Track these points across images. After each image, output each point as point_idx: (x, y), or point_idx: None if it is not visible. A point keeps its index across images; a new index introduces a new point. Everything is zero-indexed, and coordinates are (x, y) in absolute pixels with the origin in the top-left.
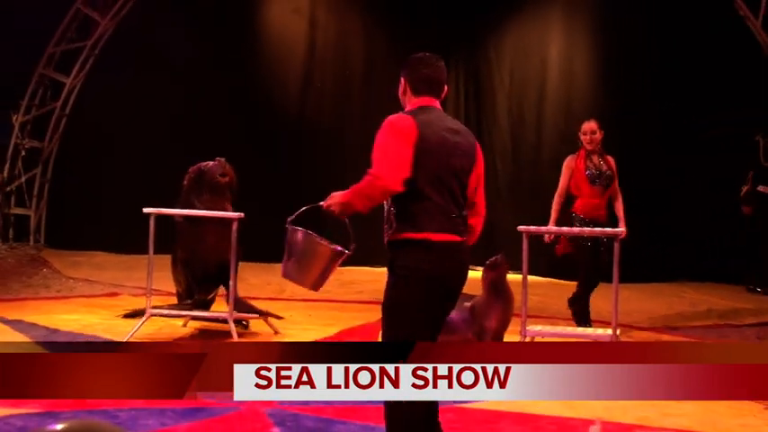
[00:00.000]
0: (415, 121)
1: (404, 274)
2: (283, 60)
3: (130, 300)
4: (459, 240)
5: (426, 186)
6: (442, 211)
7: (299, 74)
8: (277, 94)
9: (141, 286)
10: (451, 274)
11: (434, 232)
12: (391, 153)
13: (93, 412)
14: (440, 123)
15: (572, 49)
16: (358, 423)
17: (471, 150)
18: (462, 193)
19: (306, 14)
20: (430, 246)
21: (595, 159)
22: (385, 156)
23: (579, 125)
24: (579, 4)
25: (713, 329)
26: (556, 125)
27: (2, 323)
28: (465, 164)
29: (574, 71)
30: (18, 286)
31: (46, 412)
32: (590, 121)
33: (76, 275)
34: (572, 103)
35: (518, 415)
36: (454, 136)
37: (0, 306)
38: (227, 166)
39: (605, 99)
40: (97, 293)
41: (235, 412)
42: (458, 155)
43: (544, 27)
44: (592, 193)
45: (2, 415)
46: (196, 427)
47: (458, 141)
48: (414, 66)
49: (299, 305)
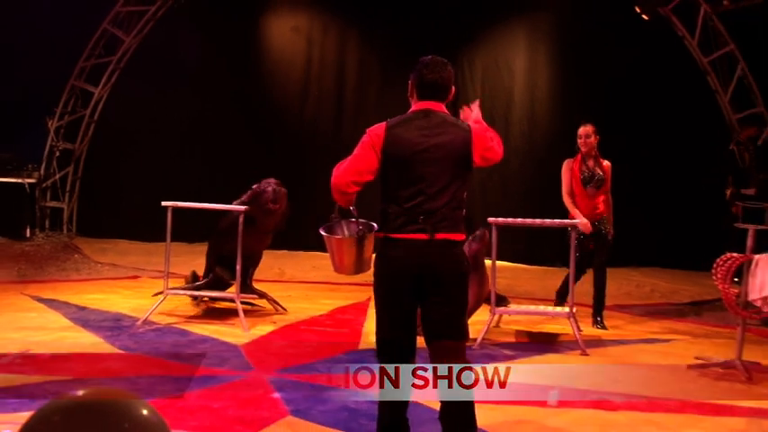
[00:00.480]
0: (386, 129)
1: (375, 267)
2: (284, 72)
3: (150, 282)
4: (425, 238)
5: (394, 188)
6: (406, 213)
7: (298, 83)
8: (278, 102)
9: (159, 270)
10: (414, 269)
11: (395, 233)
12: (351, 158)
13: (116, 380)
14: (423, 126)
15: (534, 64)
16: (347, 389)
17: (461, 148)
18: (447, 190)
19: (304, 32)
20: (392, 243)
21: (590, 163)
22: (348, 159)
23: (541, 128)
24: (540, 25)
25: (654, 307)
26: (521, 129)
27: (39, 302)
28: (449, 162)
29: (536, 82)
30: (53, 270)
31: (75, 379)
32: (586, 125)
33: (103, 260)
34: (534, 109)
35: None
36: (433, 138)
37: (37, 287)
38: (279, 194)
39: (562, 107)
40: (121, 276)
41: (241, 380)
42: (434, 157)
43: (511, 45)
44: (584, 194)
45: (39, 381)
46: (207, 392)
47: (438, 142)
48: (418, 70)
49: (298, 286)
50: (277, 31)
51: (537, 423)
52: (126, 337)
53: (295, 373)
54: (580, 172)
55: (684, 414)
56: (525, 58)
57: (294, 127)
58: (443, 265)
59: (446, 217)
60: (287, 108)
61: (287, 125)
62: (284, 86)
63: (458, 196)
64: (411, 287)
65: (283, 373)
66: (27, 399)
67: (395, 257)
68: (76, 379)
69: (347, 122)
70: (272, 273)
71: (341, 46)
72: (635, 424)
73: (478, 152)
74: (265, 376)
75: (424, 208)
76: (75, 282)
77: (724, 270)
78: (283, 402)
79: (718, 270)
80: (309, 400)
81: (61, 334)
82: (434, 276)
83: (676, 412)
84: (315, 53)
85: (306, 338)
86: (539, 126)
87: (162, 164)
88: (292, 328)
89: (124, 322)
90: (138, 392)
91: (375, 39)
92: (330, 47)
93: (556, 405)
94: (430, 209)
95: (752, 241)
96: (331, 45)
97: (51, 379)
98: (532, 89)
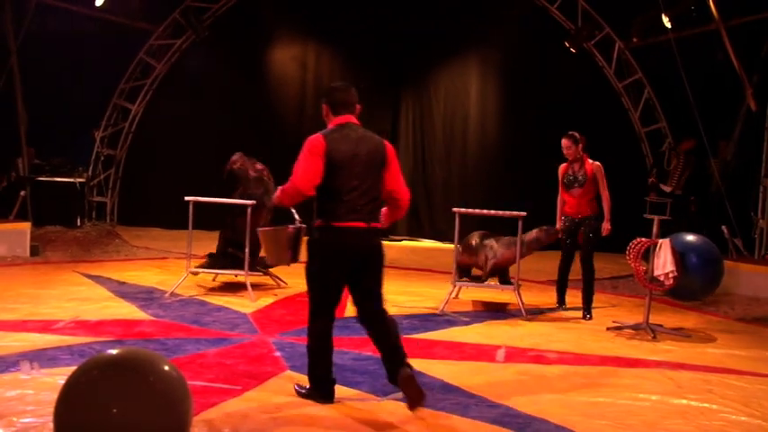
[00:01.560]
0: (324, 139)
1: (315, 249)
2: (284, 93)
3: (176, 262)
4: (363, 226)
5: (336, 186)
6: (347, 205)
7: (295, 103)
8: (280, 117)
9: (183, 252)
10: (353, 249)
11: (339, 221)
12: (305, 165)
13: (148, 341)
14: (350, 136)
15: (485, 90)
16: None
17: (378, 153)
18: (373, 187)
19: (299, 61)
20: (335, 230)
21: (576, 167)
22: (300, 167)
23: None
24: (490, 57)
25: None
26: (475, 139)
27: (87, 278)
28: (373, 164)
29: (486, 105)
30: (98, 252)
31: (116, 340)
32: (563, 138)
33: (138, 244)
34: (486, 127)
35: (448, 342)
36: (360, 145)
37: (87, 266)
38: (271, 179)
39: (507, 126)
40: (153, 257)
41: (248, 342)
42: (363, 160)
43: (467, 72)
44: (568, 195)
45: (86, 342)
46: (222, 351)
47: (367, 149)
48: (331, 93)
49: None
50: (279, 58)
51: (488, 375)
52: (156, 306)
53: (293, 336)
54: (565, 176)
55: (604, 366)
56: (478, 82)
57: (293, 135)
58: (370, 247)
59: (376, 206)
60: (286, 122)
61: (287, 134)
62: (285, 103)
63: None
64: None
65: (283, 336)
66: (77, 356)
67: (338, 240)
68: (117, 340)
69: None
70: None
71: (330, 70)
72: (566, 375)
73: (390, 166)
74: (269, 338)
75: (359, 201)
76: (116, 261)
77: (635, 252)
78: (283, 360)
79: (631, 252)
80: (304, 358)
81: (104, 303)
82: (364, 257)
83: (598, 365)
84: (309, 77)
85: (302, 308)
86: (488, 137)
87: (185, 166)
88: (291, 299)
89: (155, 294)
90: (166, 351)
91: (359, 64)
92: (323, 70)
93: (503, 361)
94: (364, 201)
95: (657, 228)
96: (323, 69)
97: (96, 340)
98: (484, 108)
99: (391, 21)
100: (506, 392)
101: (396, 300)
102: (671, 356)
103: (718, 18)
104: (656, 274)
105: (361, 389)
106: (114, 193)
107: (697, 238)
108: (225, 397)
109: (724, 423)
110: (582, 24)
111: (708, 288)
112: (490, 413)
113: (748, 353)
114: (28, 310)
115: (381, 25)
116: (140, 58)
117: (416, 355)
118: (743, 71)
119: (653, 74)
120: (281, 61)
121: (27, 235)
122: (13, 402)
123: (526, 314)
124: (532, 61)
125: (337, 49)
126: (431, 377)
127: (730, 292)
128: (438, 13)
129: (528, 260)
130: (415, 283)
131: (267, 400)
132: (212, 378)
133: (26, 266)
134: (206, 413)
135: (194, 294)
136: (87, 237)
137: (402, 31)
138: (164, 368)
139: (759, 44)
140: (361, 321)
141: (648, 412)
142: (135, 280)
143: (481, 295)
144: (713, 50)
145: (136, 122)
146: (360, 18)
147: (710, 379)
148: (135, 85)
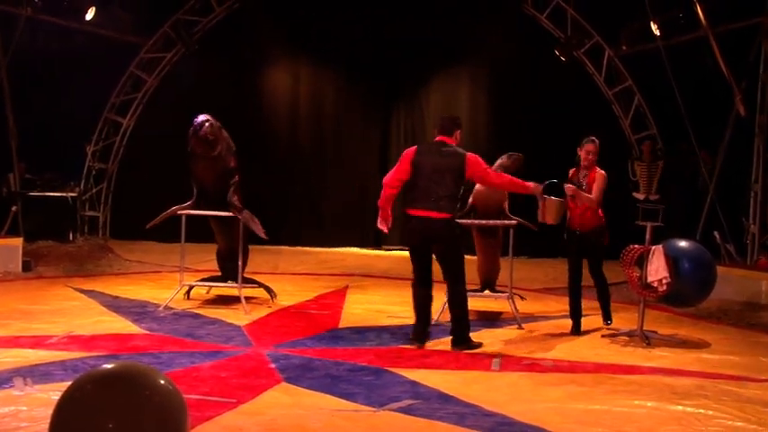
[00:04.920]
0: (416, 149)
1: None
2: (277, 105)
3: (169, 275)
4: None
5: (417, 182)
6: (423, 196)
7: (287, 115)
8: (272, 130)
9: (176, 265)
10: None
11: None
12: (395, 167)
13: (142, 355)
14: (435, 149)
15: (476, 100)
16: (330, 360)
17: (455, 162)
18: (442, 186)
19: (293, 75)
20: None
21: (583, 174)
22: (393, 168)
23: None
24: (479, 74)
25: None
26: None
27: (80, 292)
28: (448, 169)
29: (477, 115)
30: (91, 266)
31: (109, 355)
32: (590, 143)
33: (131, 258)
34: (477, 136)
35: (443, 352)
36: (440, 157)
37: (79, 280)
38: (214, 127)
39: (496, 135)
40: (146, 271)
41: (243, 354)
42: (440, 166)
43: (458, 84)
44: (572, 204)
45: (80, 357)
46: (217, 364)
47: (443, 159)
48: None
49: (288, 278)
50: (270, 70)
51: (483, 384)
52: (150, 320)
53: (287, 348)
54: (571, 182)
55: (600, 373)
56: (468, 91)
57: (284, 147)
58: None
59: (445, 200)
60: (279, 133)
61: (279, 146)
62: (277, 114)
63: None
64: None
65: (278, 348)
66: (71, 371)
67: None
68: (110, 354)
69: (327, 143)
70: (267, 266)
71: (321, 82)
72: (561, 382)
73: (469, 170)
74: (263, 351)
75: (432, 193)
76: (109, 276)
77: (629, 259)
78: (278, 372)
79: (624, 258)
80: (299, 369)
81: (98, 318)
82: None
83: (593, 372)
84: (302, 89)
85: (295, 320)
86: (480, 146)
87: (177, 179)
88: (284, 311)
89: (148, 308)
90: (160, 365)
91: (352, 80)
92: (314, 83)
93: (498, 370)
94: (436, 195)
95: (649, 235)
96: (314, 81)
97: (90, 355)
98: (475, 118)
99: (383, 32)
100: (502, 401)
101: (390, 310)
102: (666, 363)
103: (706, 24)
104: (650, 280)
105: (356, 400)
106: (106, 207)
107: (689, 243)
108: (220, 410)
109: (720, 429)
110: (571, 33)
111: (701, 293)
112: (486, 422)
113: (742, 358)
114: (20, 326)
115: (373, 37)
116: (131, 71)
117: (411, 365)
118: (732, 77)
119: (643, 81)
120: (272, 73)
121: (19, 250)
122: (7, 419)
123: (520, 322)
124: (523, 70)
125: (328, 61)
126: (426, 387)
127: (723, 298)
128: (428, 24)
129: (521, 269)
130: (409, 292)
131: (262, 413)
132: (207, 391)
133: (18, 282)
134: (201, 427)
135: (188, 307)
136: (80, 251)
137: (394, 41)
138: (159, 382)
139: (747, 50)
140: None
141: (644, 419)
142: (128, 294)
143: (475, 304)
144: (702, 57)
145: (127, 136)
146: (351, 31)
147: (705, 385)
148: (126, 98)
